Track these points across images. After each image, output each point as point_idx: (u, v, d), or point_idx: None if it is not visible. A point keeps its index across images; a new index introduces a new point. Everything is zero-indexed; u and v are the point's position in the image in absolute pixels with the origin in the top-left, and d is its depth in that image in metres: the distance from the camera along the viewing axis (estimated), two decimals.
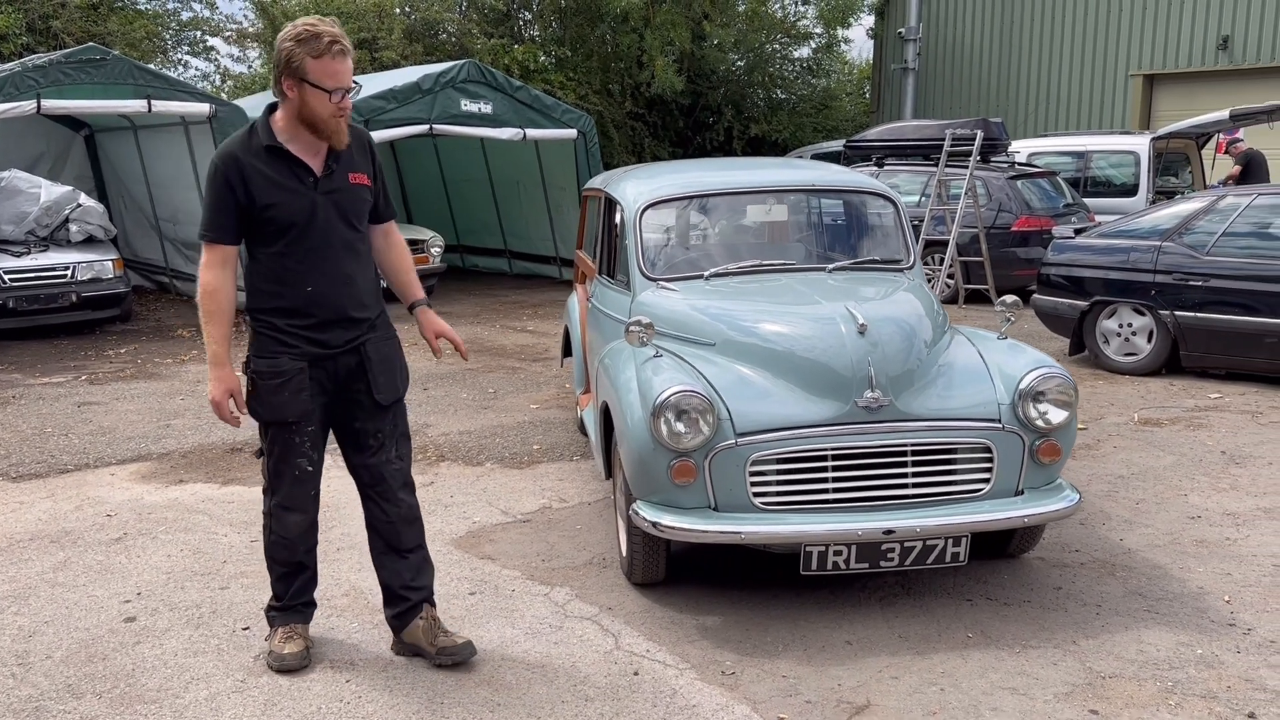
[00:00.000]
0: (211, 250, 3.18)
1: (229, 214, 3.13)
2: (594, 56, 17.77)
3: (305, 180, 3.17)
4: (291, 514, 3.38)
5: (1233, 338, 7.38)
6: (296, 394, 3.22)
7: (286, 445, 3.29)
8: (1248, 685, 3.25)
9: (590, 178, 12.74)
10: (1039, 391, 3.73)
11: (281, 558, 3.44)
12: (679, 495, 3.65)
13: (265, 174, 3.12)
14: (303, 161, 3.17)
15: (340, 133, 3.15)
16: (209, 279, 3.18)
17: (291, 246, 3.17)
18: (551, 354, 9.04)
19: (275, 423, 3.26)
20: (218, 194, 3.12)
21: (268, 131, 3.15)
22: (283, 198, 3.13)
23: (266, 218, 3.13)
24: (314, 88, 3.04)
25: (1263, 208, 7.55)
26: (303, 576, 3.50)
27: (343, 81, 3.07)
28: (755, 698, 3.23)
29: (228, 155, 3.12)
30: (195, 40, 16.21)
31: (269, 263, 3.20)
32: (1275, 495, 5.03)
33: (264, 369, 3.22)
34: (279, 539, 3.41)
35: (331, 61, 3.04)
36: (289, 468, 3.33)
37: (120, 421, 6.82)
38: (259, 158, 3.12)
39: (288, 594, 3.49)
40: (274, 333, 3.22)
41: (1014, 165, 12.30)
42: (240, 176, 3.10)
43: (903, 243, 4.85)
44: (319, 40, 3.02)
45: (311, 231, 3.18)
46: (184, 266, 12.48)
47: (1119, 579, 4.06)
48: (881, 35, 22.61)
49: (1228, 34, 16.88)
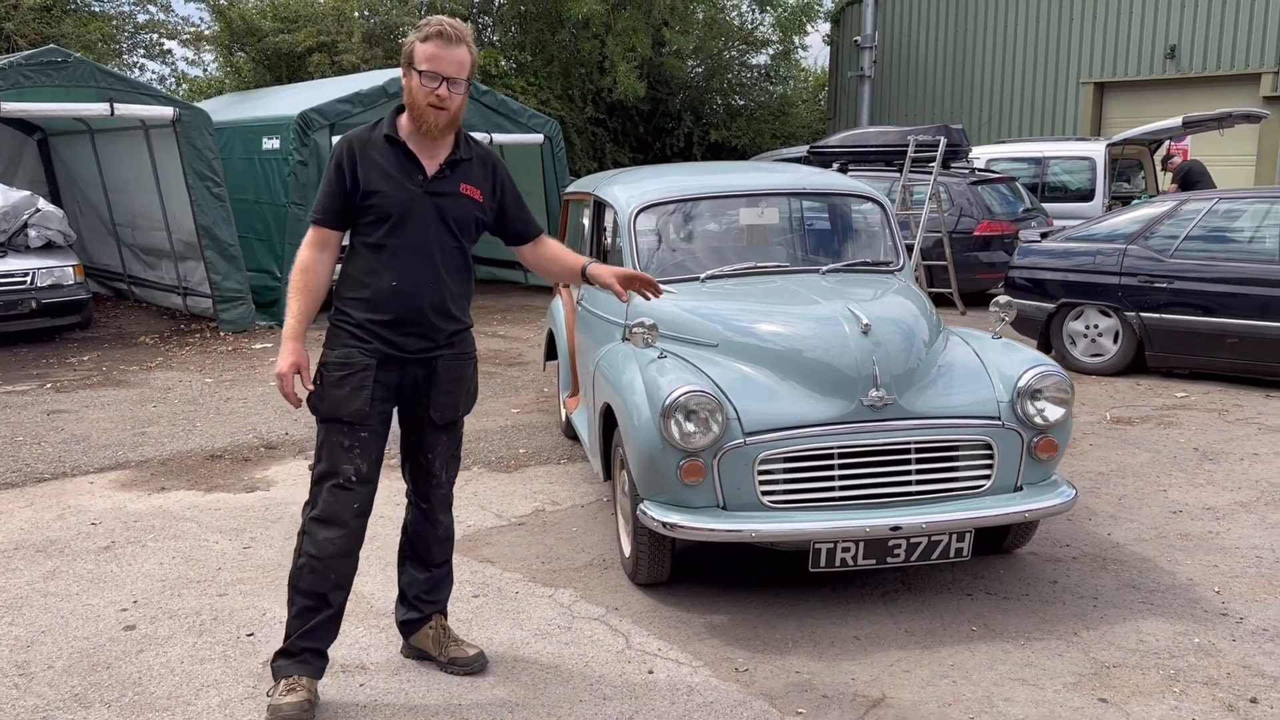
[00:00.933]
0: (314, 231, 3.17)
1: (337, 199, 3.12)
2: (555, 62, 17.77)
3: (413, 176, 3.13)
4: (327, 529, 3.12)
5: (1196, 338, 7.57)
6: (358, 391, 3.11)
7: (335, 448, 3.13)
8: (1246, 672, 3.35)
9: (557, 183, 12.79)
10: (1037, 389, 3.82)
11: (306, 585, 3.13)
12: (688, 495, 3.67)
13: (377, 162, 3.10)
14: (416, 158, 3.14)
15: (435, 126, 3.07)
16: (306, 256, 3.16)
17: (387, 238, 3.12)
18: (526, 358, 9.03)
19: (330, 419, 3.14)
20: (330, 178, 3.12)
21: (391, 124, 3.15)
22: (387, 187, 3.10)
23: (368, 205, 3.10)
24: (414, 70, 3.06)
25: (1224, 212, 7.77)
26: (322, 615, 3.15)
27: (439, 67, 3.02)
28: (771, 693, 3.27)
29: (352, 139, 3.13)
30: (151, 43, 15.95)
31: (364, 253, 3.15)
32: (1250, 490, 5.18)
33: (331, 359, 3.14)
34: (308, 561, 3.12)
35: (430, 45, 3.03)
36: (333, 475, 3.13)
37: (93, 429, 6.69)
38: (375, 147, 3.12)
39: (298, 632, 3.14)
40: (350, 325, 3.15)
41: (974, 171, 12.51)
42: (353, 162, 3.09)
43: (892, 245, 4.93)
44: (427, 26, 3.07)
45: (407, 227, 3.12)
46: (142, 273, 12.29)
47: (1111, 572, 4.16)
48: (837, 43, 22.91)
49: (1175, 43, 17.32)
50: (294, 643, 3.16)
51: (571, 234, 6.55)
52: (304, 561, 3.14)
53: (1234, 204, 7.84)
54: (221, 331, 10.29)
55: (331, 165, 3.12)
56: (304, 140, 10.77)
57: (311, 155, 10.81)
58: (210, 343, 9.90)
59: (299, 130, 10.73)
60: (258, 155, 11.41)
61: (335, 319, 3.18)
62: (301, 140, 10.76)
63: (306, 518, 3.18)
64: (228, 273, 10.31)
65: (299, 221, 10.77)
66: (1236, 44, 16.80)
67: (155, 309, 11.97)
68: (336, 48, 15.98)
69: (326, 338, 3.19)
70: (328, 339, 3.19)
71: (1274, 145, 15.90)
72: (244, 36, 16.29)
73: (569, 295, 6.13)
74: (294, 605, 3.18)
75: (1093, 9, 18.32)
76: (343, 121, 10.95)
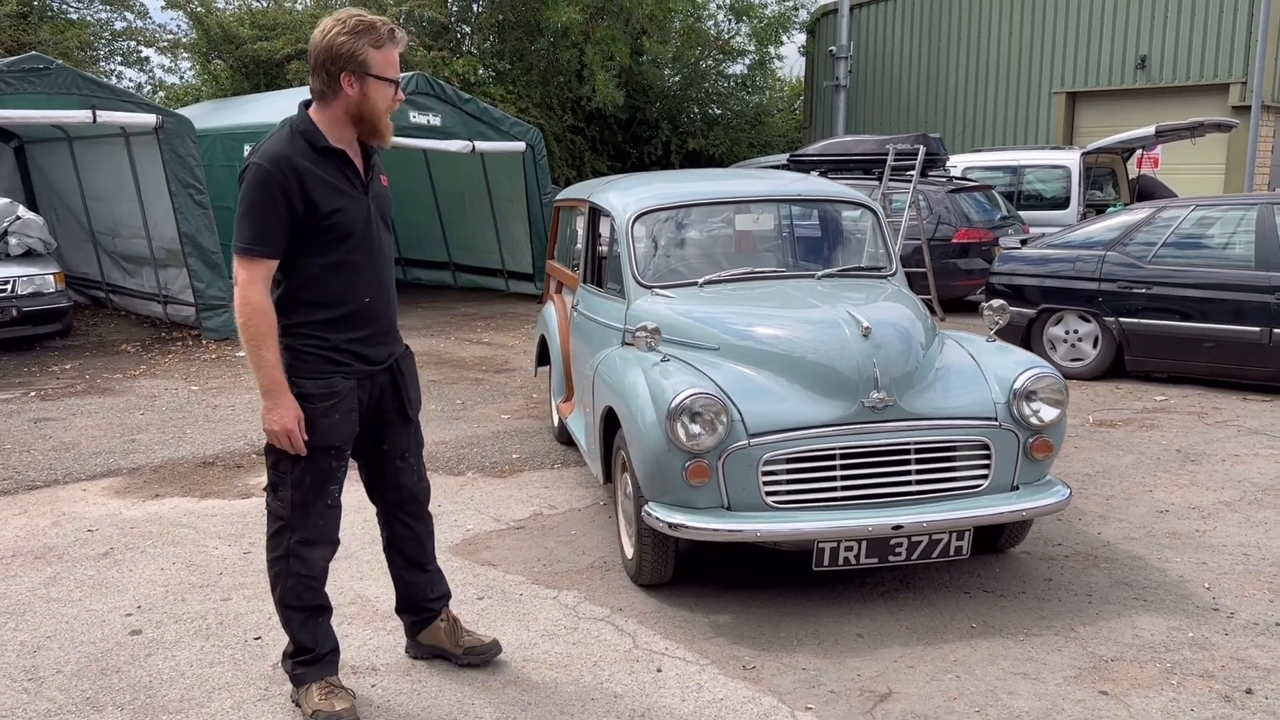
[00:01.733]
0: (255, 266, 2.85)
1: (280, 226, 2.84)
2: (533, 70, 17.82)
3: (356, 184, 2.98)
4: (317, 548, 3.09)
5: (1174, 342, 7.72)
6: (348, 415, 3.03)
7: (322, 473, 3.04)
8: (1240, 664, 3.44)
9: (539, 191, 12.83)
10: (1032, 391, 3.90)
11: (304, 602, 3.11)
12: (693, 496, 3.73)
13: (323, 178, 2.88)
14: (353, 163, 2.97)
15: (389, 131, 2.98)
16: (256, 297, 2.85)
17: (349, 255, 2.95)
18: (512, 365, 9.06)
19: (318, 448, 3.00)
20: (269, 203, 2.82)
21: (317, 132, 2.90)
22: (344, 203, 2.92)
23: (327, 225, 2.89)
24: (379, 80, 2.86)
25: (1199, 219, 7.93)
26: (324, 618, 3.19)
27: (396, 71, 2.90)
28: (780, 690, 3.32)
29: (280, 159, 2.83)
30: (128, 50, 15.86)
31: (321, 274, 2.94)
32: (1233, 490, 5.29)
33: (315, 390, 2.96)
34: (301, 580, 3.08)
35: (392, 50, 2.87)
36: (321, 497, 3.06)
37: (81, 437, 6.66)
38: (313, 161, 2.87)
39: (315, 642, 3.14)
40: (325, 350, 2.98)
41: (951, 180, 12.67)
42: (299, 183, 2.83)
43: (885, 251, 5.02)
44: (377, 30, 2.85)
45: (368, 239, 3.00)
46: (121, 280, 12.21)
47: (1104, 570, 4.25)
48: (813, 53, 23.09)
49: (1145, 54, 17.61)
50: (316, 654, 3.15)
51: (564, 241, 6.60)
52: (294, 582, 3.09)
53: (1209, 211, 8.00)
54: (204, 339, 10.25)
55: (270, 190, 2.82)
56: None
57: None
58: (193, 350, 9.86)
59: None
60: (239, 163, 11.36)
61: (304, 345, 2.98)
62: None
63: (291, 542, 3.06)
64: (211, 280, 10.27)
65: None
66: (1205, 55, 17.11)
67: (134, 317, 11.89)
68: None
69: (292, 365, 2.95)
70: (296, 367, 2.96)
71: (1243, 154, 16.19)
72: (221, 44, 16.24)
73: (561, 301, 6.18)
74: (293, 621, 3.15)
75: (1064, 20, 18.60)
76: None
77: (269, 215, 2.84)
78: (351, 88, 2.88)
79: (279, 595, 3.13)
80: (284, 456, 3.02)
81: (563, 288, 6.29)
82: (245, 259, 2.88)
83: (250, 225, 2.86)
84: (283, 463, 3.04)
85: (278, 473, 3.07)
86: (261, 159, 2.85)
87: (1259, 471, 5.60)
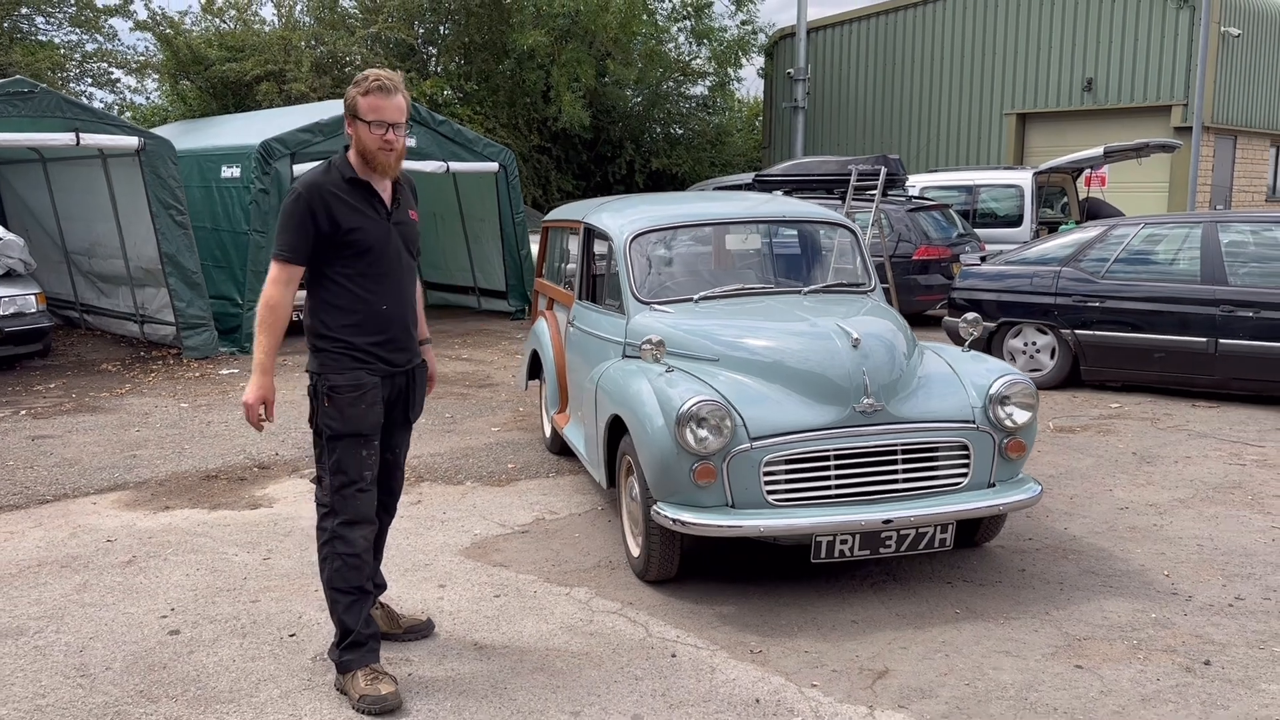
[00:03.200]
0: (283, 269, 3.40)
1: (307, 238, 3.38)
2: (500, 91, 18.14)
3: (379, 210, 3.48)
4: (358, 528, 3.48)
5: (1127, 353, 8.18)
6: (372, 406, 3.47)
7: (355, 459, 3.45)
8: (1199, 640, 3.81)
9: (511, 211, 13.11)
10: (1006, 395, 4.26)
11: (351, 583, 3.46)
12: (700, 495, 4.03)
13: (347, 202, 3.40)
14: (377, 193, 3.49)
15: (388, 165, 3.45)
16: (275, 293, 3.40)
17: (370, 268, 3.44)
18: (494, 380, 9.32)
19: (349, 435, 3.45)
20: (300, 219, 3.36)
21: (348, 166, 3.45)
22: (364, 223, 3.42)
23: (349, 240, 3.39)
24: (360, 121, 3.38)
25: (1149, 236, 8.42)
26: (368, 604, 3.52)
27: (384, 115, 3.37)
28: (786, 670, 3.63)
29: (312, 185, 3.39)
30: (99, 72, 15.93)
31: (347, 283, 3.43)
32: (1186, 488, 5.70)
33: (342, 384, 3.42)
34: (347, 560, 3.45)
35: (371, 97, 3.37)
36: (355, 482, 3.46)
37: (82, 453, 6.82)
38: (340, 188, 3.41)
39: (359, 623, 3.45)
40: (350, 351, 3.45)
41: (911, 199, 13.14)
42: (324, 204, 3.36)
43: (864, 268, 5.37)
44: (366, 80, 3.40)
45: (387, 255, 3.48)
46: (95, 300, 12.29)
47: (1072, 560, 4.62)
48: (771, 75, 23.63)
49: (1092, 76, 18.31)
50: (359, 634, 3.45)
51: (553, 260, 6.88)
52: (340, 564, 3.46)
53: (1157, 229, 8.49)
54: (185, 358, 10.38)
55: (300, 208, 3.35)
56: (265, 169, 10.95)
57: (273, 183, 10.99)
58: (175, 369, 9.99)
59: (260, 159, 10.92)
60: (216, 183, 11.54)
61: (333, 347, 3.45)
62: (263, 169, 10.94)
63: (334, 524, 3.47)
64: (191, 300, 10.42)
65: (260, 249, 10.93)
66: (1149, 78, 17.83)
67: (110, 337, 11.97)
68: (285, 76, 16.13)
69: (324, 363, 3.45)
70: (327, 365, 3.44)
71: (1185, 173, 16.90)
72: (190, 65, 16.36)
73: (554, 317, 6.47)
74: (339, 604, 3.48)
75: (1015, 44, 19.28)
76: (303, 150, 11.16)
77: (298, 228, 3.38)
78: (351, 128, 3.44)
79: (327, 578, 3.50)
80: (323, 449, 3.48)
81: (554, 304, 6.58)
82: (279, 262, 3.43)
83: (283, 235, 3.42)
84: (323, 455, 3.49)
85: (320, 465, 3.53)
86: (300, 186, 3.43)
87: (1209, 471, 6.02)
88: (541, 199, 18.60)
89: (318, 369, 3.48)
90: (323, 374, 3.46)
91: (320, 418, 3.48)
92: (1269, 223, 8.08)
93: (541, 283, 7.06)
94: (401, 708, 3.38)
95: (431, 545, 4.99)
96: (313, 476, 3.60)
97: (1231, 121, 18.99)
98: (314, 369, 3.50)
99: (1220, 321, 7.64)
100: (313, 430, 3.53)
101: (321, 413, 3.47)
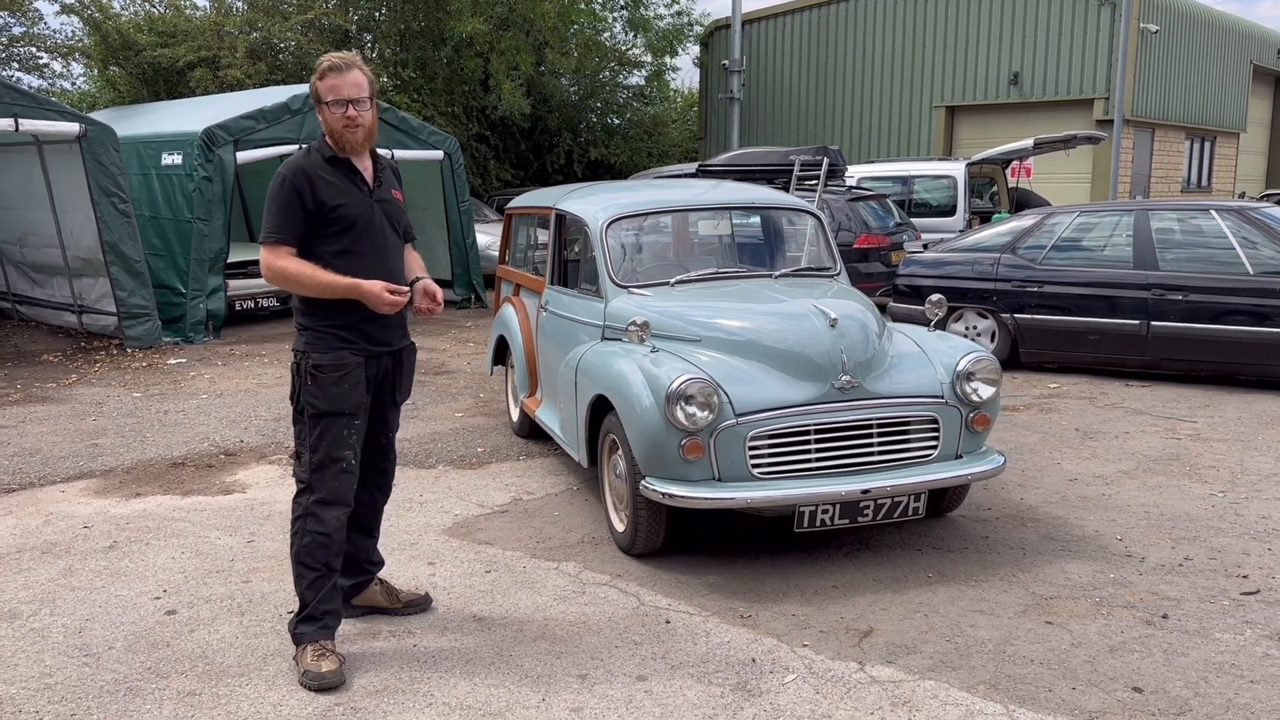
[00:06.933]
0: (276, 249, 3.46)
1: (296, 218, 3.44)
2: (438, 79, 18.06)
3: (361, 187, 3.55)
4: (333, 508, 3.53)
5: (1063, 336, 8.55)
6: (355, 385, 3.51)
7: (336, 438, 3.50)
8: (1155, 597, 4.09)
9: (456, 198, 13.12)
10: (971, 372, 4.50)
11: (318, 560, 3.52)
12: (688, 470, 4.19)
13: (330, 180, 3.48)
14: (359, 171, 3.55)
15: (357, 142, 3.51)
16: (284, 264, 3.44)
17: (355, 244, 3.50)
18: (450, 367, 9.37)
19: (331, 413, 3.48)
20: (286, 200, 3.43)
21: (327, 146, 3.53)
22: (347, 199, 3.49)
23: (334, 216, 3.46)
24: (323, 104, 3.48)
25: (1083, 225, 8.80)
26: (331, 581, 3.58)
27: (341, 93, 3.43)
28: (777, 632, 3.81)
29: (295, 168, 3.47)
30: (27, 56, 15.50)
31: (333, 260, 3.46)
32: (1129, 461, 6.03)
33: (325, 362, 3.48)
34: (316, 538, 3.51)
35: (327, 79, 3.46)
36: (336, 461, 3.51)
37: (41, 443, 6.74)
38: (322, 168, 3.49)
39: (316, 599, 3.53)
40: (335, 329, 3.49)
41: (850, 189, 13.46)
42: (309, 184, 3.44)
43: (829, 253, 5.58)
44: (320, 65, 3.51)
45: (372, 232, 3.54)
46: (28, 291, 12.03)
47: (1031, 528, 4.89)
48: (707, 66, 23.86)
49: (1018, 70, 18.87)
50: (315, 608, 3.55)
51: (518, 247, 6.98)
52: (309, 540, 3.53)
53: (1091, 217, 8.88)
54: (128, 348, 10.23)
55: (287, 190, 3.42)
56: (208, 156, 10.83)
57: (216, 171, 10.87)
58: (120, 359, 9.85)
59: (204, 146, 10.79)
60: (156, 170, 11.36)
61: (318, 325, 3.50)
62: (206, 156, 10.81)
63: (309, 501, 3.54)
64: (134, 289, 10.26)
65: (204, 237, 10.83)
66: (1072, 72, 18.45)
67: (46, 328, 11.72)
68: (219, 63, 15.87)
69: (309, 342, 3.51)
70: (312, 344, 3.50)
71: (1107, 164, 17.53)
72: (120, 50, 16.00)
73: (521, 303, 6.57)
74: (304, 578, 3.56)
75: (943, 38, 19.77)
76: (247, 137, 11.06)
77: (286, 210, 3.45)
78: (320, 115, 3.53)
79: (295, 551, 3.57)
80: (304, 425, 3.53)
81: (520, 290, 6.68)
82: (270, 244, 3.47)
83: (272, 219, 3.47)
84: (304, 431, 3.55)
85: (300, 441, 3.58)
86: (284, 170, 3.49)
87: (1148, 445, 6.37)
88: (480, 188, 18.58)
89: (303, 347, 3.54)
90: (307, 352, 3.52)
91: (303, 395, 3.53)
92: (1196, 211, 8.51)
93: (506, 269, 7.15)
94: (343, 685, 3.43)
95: (414, 526, 5.08)
96: (292, 452, 3.60)
97: (1149, 115, 19.75)
98: (299, 347, 3.55)
99: (1152, 305, 8.04)
100: (294, 408, 3.58)
101: (304, 391, 3.52)
